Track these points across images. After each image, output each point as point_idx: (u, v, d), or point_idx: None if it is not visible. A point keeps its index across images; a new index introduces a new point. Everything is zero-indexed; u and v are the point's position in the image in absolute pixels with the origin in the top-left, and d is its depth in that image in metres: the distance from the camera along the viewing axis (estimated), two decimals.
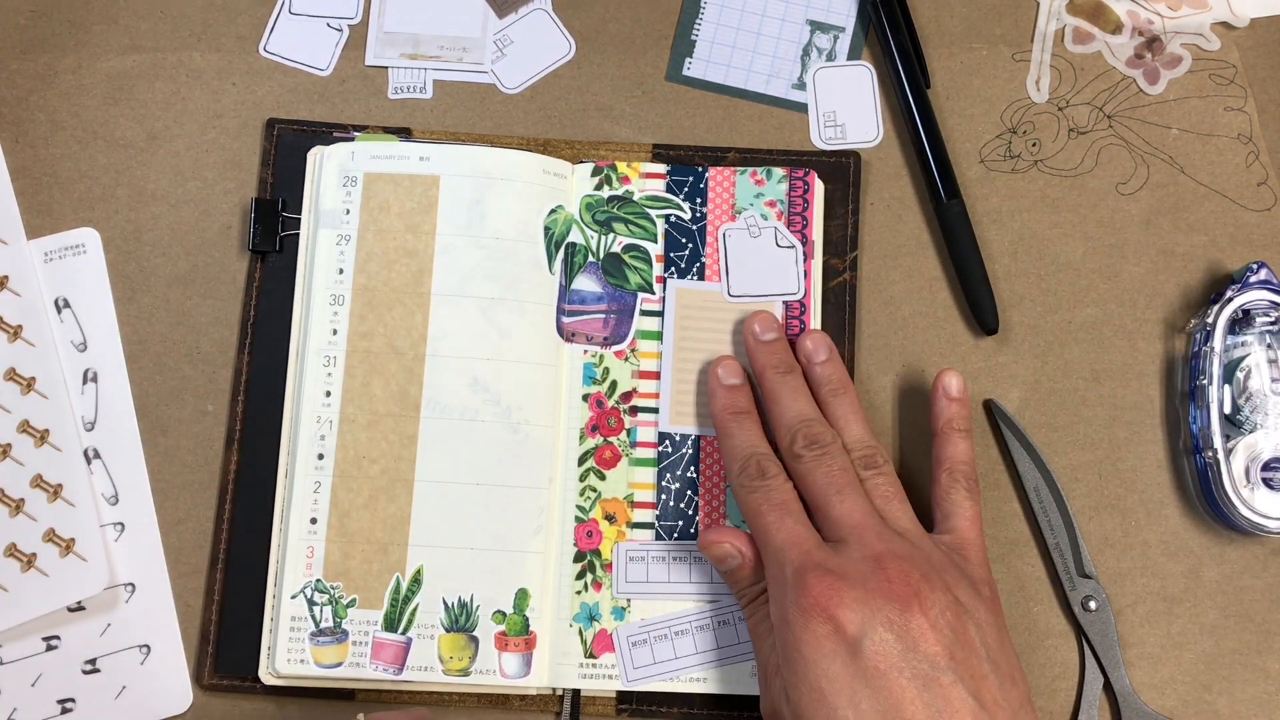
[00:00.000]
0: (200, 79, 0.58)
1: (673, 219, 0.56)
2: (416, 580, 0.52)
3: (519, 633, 0.51)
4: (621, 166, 0.56)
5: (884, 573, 0.44)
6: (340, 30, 0.58)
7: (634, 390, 0.54)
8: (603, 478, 0.54)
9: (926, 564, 0.45)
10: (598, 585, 0.53)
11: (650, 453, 0.54)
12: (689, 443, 0.54)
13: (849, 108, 0.59)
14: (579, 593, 0.53)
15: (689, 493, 0.53)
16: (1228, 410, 0.53)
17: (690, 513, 0.53)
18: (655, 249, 0.55)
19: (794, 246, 0.54)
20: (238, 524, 0.54)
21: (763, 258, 0.55)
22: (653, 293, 0.55)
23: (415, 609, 0.51)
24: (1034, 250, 0.57)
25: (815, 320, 0.55)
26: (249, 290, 0.56)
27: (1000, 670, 0.44)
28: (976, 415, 0.55)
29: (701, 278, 0.55)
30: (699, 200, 0.56)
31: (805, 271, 0.55)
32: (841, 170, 0.57)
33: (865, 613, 0.43)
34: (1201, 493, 0.54)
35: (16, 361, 0.54)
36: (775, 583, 0.46)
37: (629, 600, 0.52)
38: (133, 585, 0.53)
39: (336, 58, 0.59)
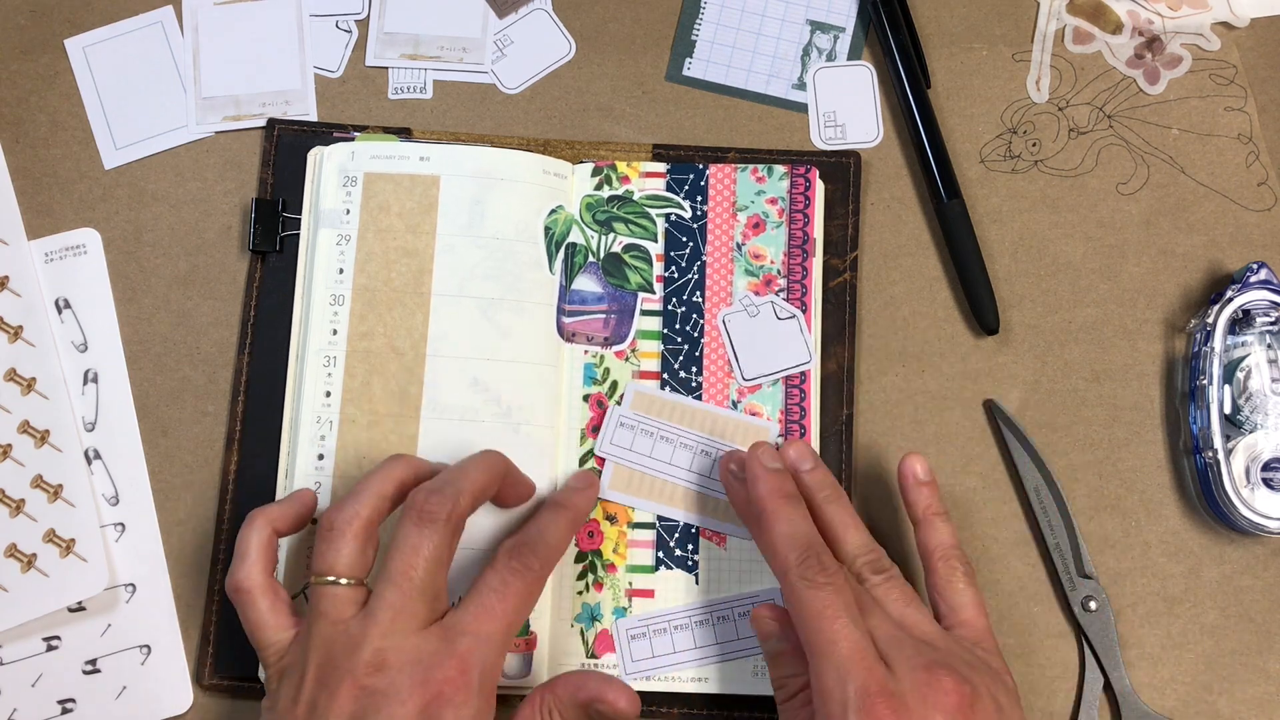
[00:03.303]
0: None
1: (673, 218, 0.56)
2: None
3: (520, 633, 0.51)
4: (621, 166, 0.56)
5: (939, 685, 0.42)
6: (350, 31, 0.58)
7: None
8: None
9: (967, 668, 0.44)
10: (599, 585, 0.53)
11: None
12: None
13: (849, 108, 0.59)
14: (580, 593, 0.53)
15: None
16: (1228, 410, 0.53)
17: None
18: (656, 248, 0.55)
19: (794, 316, 0.54)
20: (238, 524, 0.53)
21: (767, 334, 0.55)
22: (653, 292, 0.55)
23: None
24: (1034, 250, 0.57)
25: (815, 320, 0.55)
26: (249, 290, 0.56)
27: None
28: (976, 415, 0.56)
29: (703, 277, 0.55)
30: (700, 198, 0.56)
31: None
32: (841, 170, 0.57)
33: None
34: (1201, 493, 0.54)
35: (17, 362, 0.54)
36: (829, 695, 0.43)
37: (630, 600, 0.52)
38: (133, 585, 0.53)
39: (346, 59, 0.59)
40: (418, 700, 0.42)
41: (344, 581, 0.45)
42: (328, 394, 0.53)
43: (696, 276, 0.55)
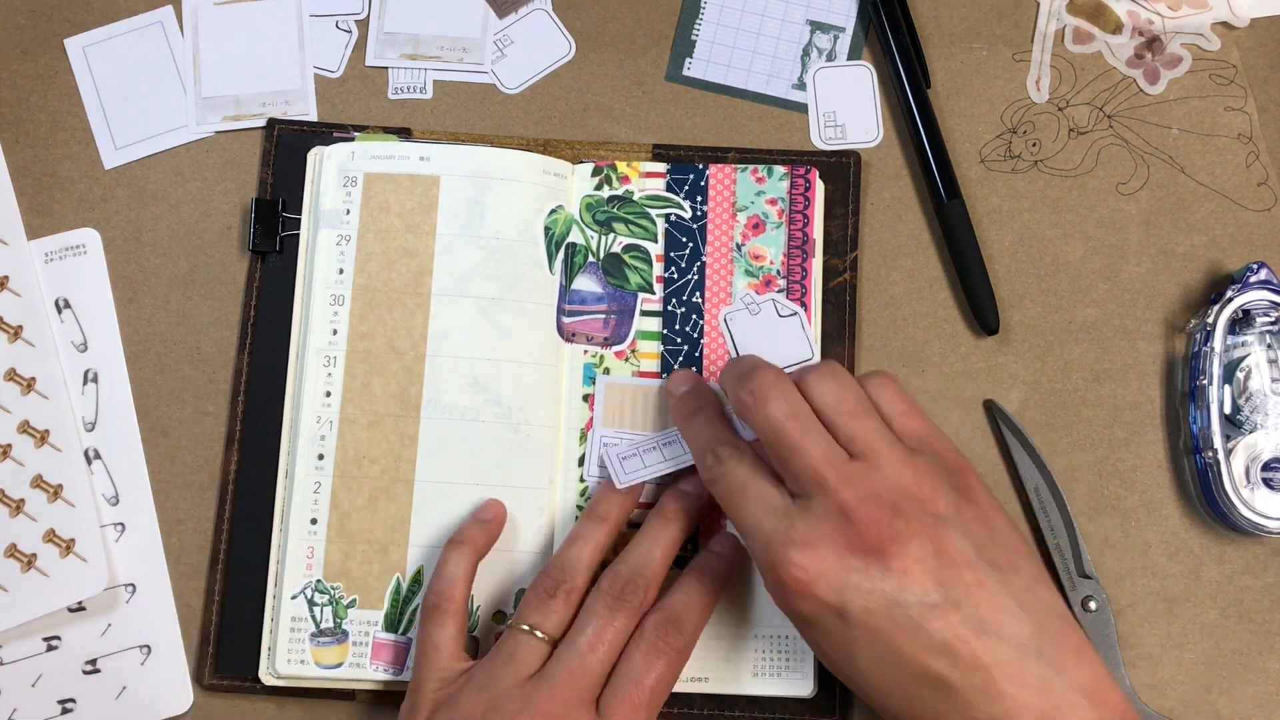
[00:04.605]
0: None
1: (673, 218, 0.56)
2: (417, 580, 0.52)
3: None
4: (621, 166, 0.56)
5: (854, 525, 0.41)
6: (350, 31, 0.58)
7: None
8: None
9: (896, 492, 0.42)
10: None
11: None
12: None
13: (849, 108, 0.59)
14: None
15: None
16: (1228, 410, 0.53)
17: None
18: (655, 249, 0.55)
19: (796, 313, 0.54)
20: (238, 524, 0.54)
21: (768, 332, 0.54)
22: (653, 293, 0.55)
23: (416, 609, 0.51)
24: (1034, 250, 0.57)
25: (815, 320, 0.55)
26: (249, 290, 0.56)
27: (998, 565, 0.42)
28: (976, 415, 0.55)
29: (702, 277, 0.55)
30: (700, 199, 0.56)
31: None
32: (841, 170, 0.57)
33: (841, 576, 0.41)
34: (1201, 493, 0.54)
35: (17, 362, 0.54)
36: (758, 569, 0.45)
37: None
38: (133, 585, 0.53)
39: (346, 59, 0.59)
40: None
41: (542, 637, 0.46)
42: (328, 394, 0.53)
43: (696, 277, 0.55)
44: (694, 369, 0.54)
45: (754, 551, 0.44)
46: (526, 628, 0.46)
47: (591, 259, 0.55)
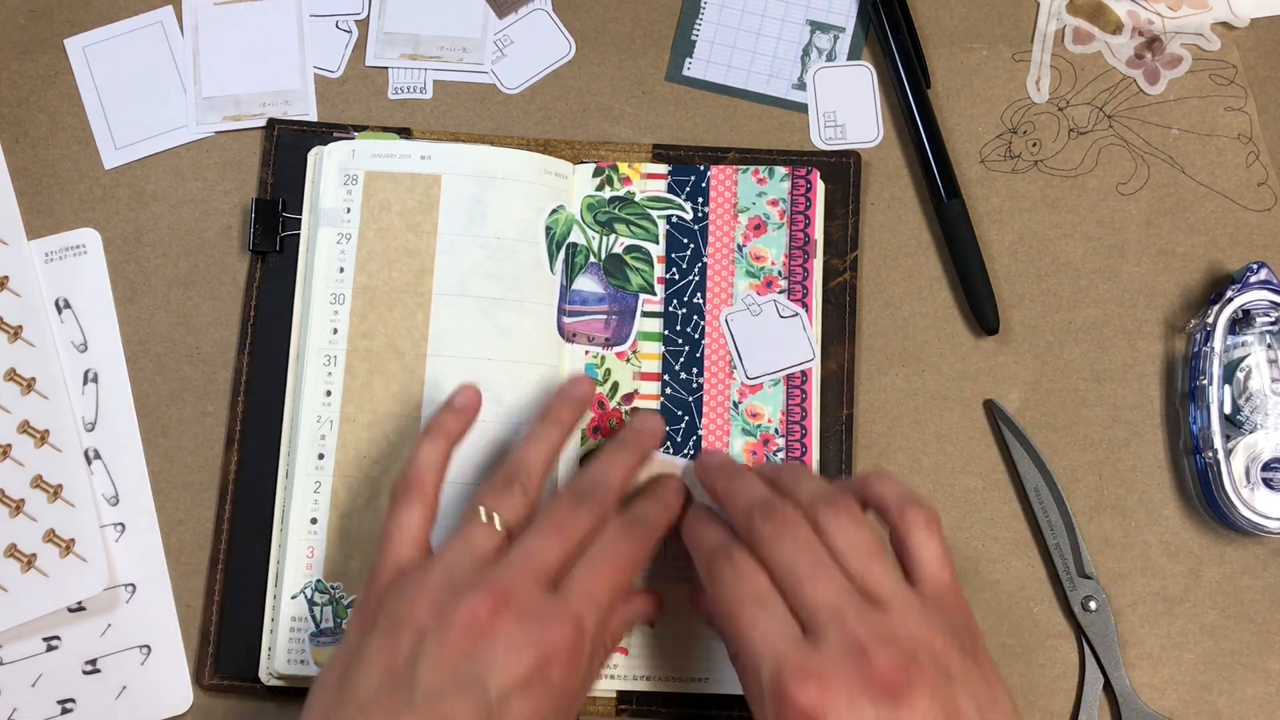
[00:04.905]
0: None
1: (674, 219, 0.56)
2: None
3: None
4: (623, 167, 0.56)
5: (870, 665, 0.40)
6: (349, 31, 0.58)
7: (635, 391, 0.54)
8: None
9: (913, 641, 0.41)
10: None
11: None
12: (689, 445, 0.54)
13: (849, 108, 0.59)
14: None
15: None
16: (1228, 410, 0.53)
17: None
18: (657, 250, 0.55)
19: (797, 314, 0.54)
20: (238, 524, 0.54)
21: (770, 333, 0.55)
22: (654, 294, 0.55)
23: None
24: (1034, 250, 0.57)
25: (816, 320, 0.55)
26: (249, 290, 0.56)
27: None
28: (976, 415, 0.56)
29: (704, 278, 0.55)
30: (701, 200, 0.56)
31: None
32: (841, 170, 0.57)
33: (850, 714, 0.39)
34: (1201, 493, 0.54)
35: (17, 362, 0.54)
36: (751, 688, 0.42)
37: None
38: (133, 585, 0.53)
39: (346, 59, 0.59)
40: (532, 656, 0.41)
41: (499, 527, 0.45)
42: (328, 393, 0.53)
43: (697, 278, 0.55)
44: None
45: (757, 670, 0.41)
46: (484, 513, 0.45)
47: (593, 259, 0.55)
